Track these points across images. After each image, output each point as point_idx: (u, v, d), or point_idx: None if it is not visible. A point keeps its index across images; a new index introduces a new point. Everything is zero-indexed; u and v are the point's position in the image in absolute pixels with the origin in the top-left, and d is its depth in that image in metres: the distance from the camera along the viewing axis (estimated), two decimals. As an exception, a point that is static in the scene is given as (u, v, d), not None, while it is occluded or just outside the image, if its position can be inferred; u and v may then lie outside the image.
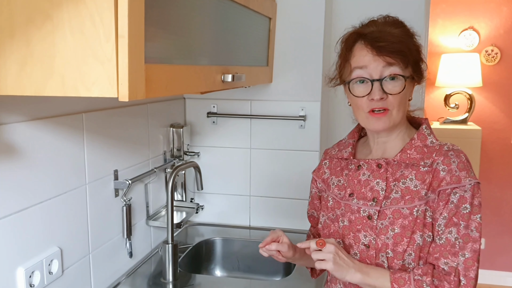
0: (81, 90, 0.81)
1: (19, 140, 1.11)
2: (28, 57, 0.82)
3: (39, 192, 1.19)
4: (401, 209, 1.11)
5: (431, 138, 1.17)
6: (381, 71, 1.10)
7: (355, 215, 1.17)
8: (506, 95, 3.65)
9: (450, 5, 3.64)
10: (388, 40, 1.09)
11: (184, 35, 1.06)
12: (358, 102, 1.14)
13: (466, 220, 1.07)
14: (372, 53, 1.10)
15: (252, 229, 2.10)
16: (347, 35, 1.17)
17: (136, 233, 1.70)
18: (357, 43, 1.14)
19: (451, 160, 1.10)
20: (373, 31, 1.12)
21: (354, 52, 1.14)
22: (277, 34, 1.93)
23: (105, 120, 1.46)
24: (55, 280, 1.26)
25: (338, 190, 1.24)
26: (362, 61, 1.12)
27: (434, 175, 1.11)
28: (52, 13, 0.80)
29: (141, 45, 0.83)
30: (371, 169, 1.18)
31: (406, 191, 1.12)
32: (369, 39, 1.11)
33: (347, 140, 1.30)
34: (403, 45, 1.10)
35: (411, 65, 1.13)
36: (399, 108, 1.13)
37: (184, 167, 1.69)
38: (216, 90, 1.34)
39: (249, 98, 2.03)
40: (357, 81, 1.13)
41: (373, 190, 1.16)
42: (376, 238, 1.12)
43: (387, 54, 1.09)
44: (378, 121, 1.13)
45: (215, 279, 1.90)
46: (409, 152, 1.15)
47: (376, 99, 1.10)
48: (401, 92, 1.11)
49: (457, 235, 1.07)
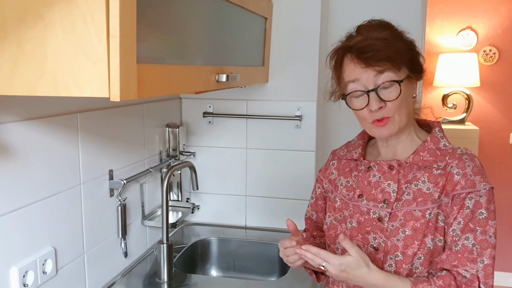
0: (72, 90, 0.81)
1: (13, 140, 1.11)
2: (20, 56, 0.82)
3: (33, 192, 1.19)
4: (413, 211, 1.10)
5: (444, 141, 1.16)
6: (374, 80, 1.09)
7: (365, 217, 1.16)
8: (504, 95, 3.65)
9: (448, 5, 3.64)
10: (373, 49, 1.08)
11: (177, 35, 1.06)
12: (359, 114, 1.14)
13: (483, 226, 1.07)
14: (360, 65, 1.09)
15: (248, 229, 2.09)
16: (335, 51, 1.17)
17: (131, 233, 1.70)
18: (345, 58, 1.13)
19: (466, 164, 1.10)
20: (358, 41, 1.11)
21: (344, 67, 1.14)
22: (273, 34, 1.93)
23: (100, 120, 1.46)
24: (49, 280, 1.26)
25: (347, 191, 1.23)
26: (352, 75, 1.11)
27: (447, 178, 1.10)
28: (44, 12, 0.80)
29: (133, 45, 0.83)
30: (382, 171, 1.17)
31: (419, 193, 1.11)
32: (355, 51, 1.10)
33: (356, 141, 1.30)
34: (390, 50, 1.08)
35: (405, 66, 1.11)
36: (401, 111, 1.11)
37: (180, 167, 1.69)
38: (210, 90, 1.34)
39: (245, 98, 2.03)
40: (353, 96, 1.12)
41: (384, 192, 1.15)
42: (386, 240, 1.11)
43: (375, 64, 1.08)
44: (383, 130, 1.13)
45: (210, 279, 1.90)
46: (422, 154, 1.14)
47: (375, 109, 1.09)
48: (398, 97, 1.09)
49: (474, 241, 1.06)
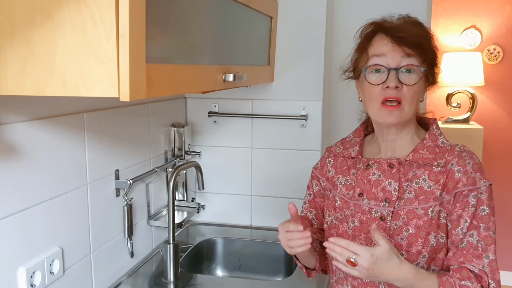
0: (82, 90, 0.81)
1: (20, 140, 1.11)
2: (29, 56, 0.82)
3: (40, 192, 1.19)
4: (415, 209, 1.11)
5: (442, 138, 1.17)
6: (399, 61, 1.10)
7: (366, 216, 1.15)
8: (508, 94, 3.64)
9: (452, 4, 3.63)
10: (409, 32, 1.10)
11: (185, 35, 1.06)
12: (372, 91, 1.13)
13: (486, 222, 1.07)
14: (392, 42, 1.10)
15: (253, 229, 2.09)
16: (367, 26, 1.17)
17: (137, 233, 1.70)
18: (377, 35, 1.14)
19: (466, 161, 1.10)
20: (394, 24, 1.14)
21: (373, 42, 1.14)
22: (278, 33, 1.92)
23: (106, 120, 1.46)
24: (56, 280, 1.26)
25: (346, 190, 1.22)
26: (380, 49, 1.12)
27: (448, 175, 1.10)
28: (53, 12, 0.80)
29: (142, 45, 0.83)
30: (382, 169, 1.17)
31: (420, 191, 1.12)
32: (389, 30, 1.12)
33: (352, 138, 1.28)
34: (422, 40, 1.12)
35: (427, 63, 1.13)
36: (412, 102, 1.12)
37: (185, 167, 1.68)
38: (217, 90, 1.34)
39: (250, 98, 2.02)
40: (373, 70, 1.12)
41: (385, 191, 1.15)
42: (390, 239, 1.11)
43: (407, 45, 1.09)
44: (390, 114, 1.11)
45: (216, 279, 1.89)
46: (421, 152, 1.14)
47: (392, 86, 1.09)
48: (416, 84, 1.10)
49: (479, 238, 1.07)
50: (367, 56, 1.14)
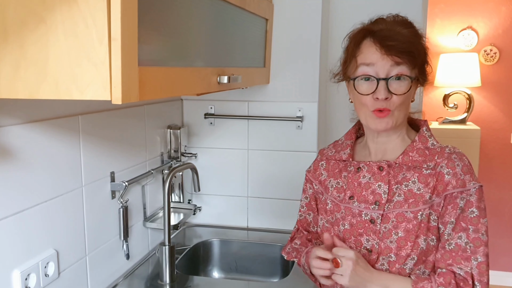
0: (74, 93, 0.81)
1: (15, 143, 1.11)
2: (22, 60, 0.82)
3: (35, 195, 1.19)
4: (404, 213, 1.10)
5: (432, 140, 1.16)
6: (388, 70, 1.08)
7: (357, 219, 1.16)
8: (505, 95, 3.64)
9: (448, 5, 3.64)
10: (397, 39, 1.08)
11: (178, 37, 1.06)
12: (362, 100, 1.12)
13: (475, 224, 1.07)
14: (381, 51, 1.08)
15: (249, 230, 2.09)
16: (356, 31, 1.15)
17: (133, 235, 1.70)
18: (366, 40, 1.12)
19: (455, 164, 1.10)
20: (383, 29, 1.11)
21: (362, 49, 1.12)
22: (274, 35, 1.93)
23: (102, 122, 1.46)
24: (51, 282, 1.26)
25: (337, 193, 1.22)
26: (369, 58, 1.10)
27: (438, 178, 1.10)
28: (45, 15, 0.80)
29: (134, 48, 0.83)
30: (372, 172, 1.17)
31: (409, 194, 1.11)
32: (378, 37, 1.09)
33: (344, 141, 1.28)
34: (412, 46, 1.09)
35: (417, 67, 1.12)
36: (401, 108, 1.12)
37: (181, 169, 1.69)
38: (212, 92, 1.34)
39: (246, 99, 2.02)
40: (362, 78, 1.11)
41: (374, 193, 1.15)
42: (380, 242, 1.12)
43: (396, 54, 1.08)
44: (380, 122, 1.12)
45: (212, 280, 1.90)
46: (411, 154, 1.14)
47: (381, 98, 1.09)
48: (406, 93, 1.10)
49: (467, 240, 1.07)
50: (356, 64, 1.12)
